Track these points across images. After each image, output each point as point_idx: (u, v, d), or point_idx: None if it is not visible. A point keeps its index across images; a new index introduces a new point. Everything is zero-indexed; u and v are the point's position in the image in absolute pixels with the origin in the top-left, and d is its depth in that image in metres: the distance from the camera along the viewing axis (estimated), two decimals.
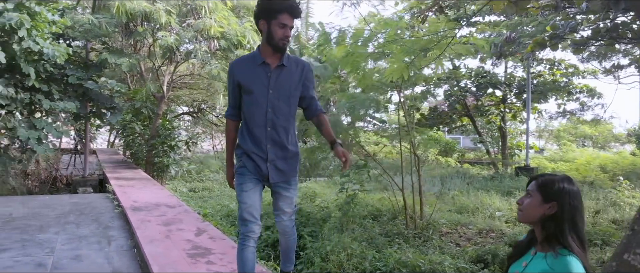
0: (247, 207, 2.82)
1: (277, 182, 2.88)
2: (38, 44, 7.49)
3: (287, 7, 2.70)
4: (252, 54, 2.90)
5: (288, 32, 2.73)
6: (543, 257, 1.75)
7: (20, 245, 4.92)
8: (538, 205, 1.79)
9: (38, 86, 8.23)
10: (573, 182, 1.80)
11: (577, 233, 1.75)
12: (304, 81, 2.90)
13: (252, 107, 2.83)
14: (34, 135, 7.98)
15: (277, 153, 2.86)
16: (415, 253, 5.68)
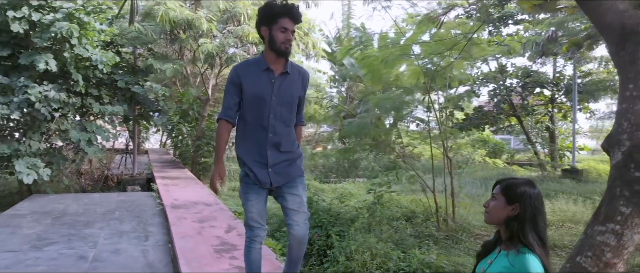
0: (252, 214, 2.87)
1: (281, 185, 2.88)
2: (87, 52, 8.04)
3: (286, 11, 2.75)
4: (257, 59, 2.92)
5: (289, 35, 2.77)
6: (505, 255, 1.87)
7: (67, 239, 5.36)
8: (502, 207, 1.91)
9: (88, 91, 8.83)
10: (534, 185, 1.91)
11: (538, 233, 1.86)
12: (303, 90, 2.97)
13: (255, 113, 2.85)
14: (85, 137, 8.54)
15: (278, 158, 2.88)
16: (440, 254, 5.74)
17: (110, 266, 4.40)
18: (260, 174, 2.83)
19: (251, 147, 2.87)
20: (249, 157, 2.87)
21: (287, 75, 2.86)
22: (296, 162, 2.97)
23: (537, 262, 1.78)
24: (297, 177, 2.96)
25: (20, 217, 6.50)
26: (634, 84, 1.70)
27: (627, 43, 1.72)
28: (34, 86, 7.47)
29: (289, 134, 2.94)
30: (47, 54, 7.62)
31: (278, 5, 2.79)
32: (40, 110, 7.64)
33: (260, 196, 2.89)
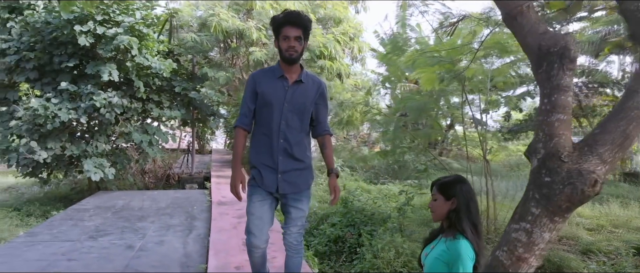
0: (254, 218, 2.89)
1: (287, 193, 2.92)
2: (147, 61, 8.80)
3: (285, 20, 2.84)
4: (273, 68, 3.01)
5: (292, 42, 2.83)
6: (444, 241, 2.19)
7: (120, 231, 6.01)
8: (442, 204, 2.22)
9: (149, 96, 9.62)
10: (465, 180, 2.24)
11: (472, 220, 2.18)
12: (317, 99, 3.00)
13: (267, 118, 2.91)
14: (146, 139, 9.33)
15: (288, 165, 2.91)
16: None
17: (152, 255, 4.95)
18: (267, 178, 2.90)
19: (263, 151, 2.94)
20: (260, 160, 2.94)
21: (301, 83, 2.93)
22: (306, 173, 3.00)
23: (469, 246, 2.09)
24: (304, 189, 2.99)
25: (84, 211, 7.29)
26: (548, 99, 1.92)
27: (544, 62, 1.94)
28: (99, 93, 8.30)
29: (301, 142, 2.97)
30: (110, 64, 8.43)
31: (279, 16, 2.90)
32: (104, 114, 8.46)
33: (264, 203, 2.92)
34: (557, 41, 1.92)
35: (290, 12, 2.90)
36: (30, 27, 8.43)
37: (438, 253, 2.18)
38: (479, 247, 2.12)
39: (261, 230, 2.89)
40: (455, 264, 2.08)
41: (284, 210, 3.01)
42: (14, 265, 4.46)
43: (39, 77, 8.57)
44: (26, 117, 7.99)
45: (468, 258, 2.07)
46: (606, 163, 1.84)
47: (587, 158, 1.84)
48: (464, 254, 2.07)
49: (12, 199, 10.11)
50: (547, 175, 1.89)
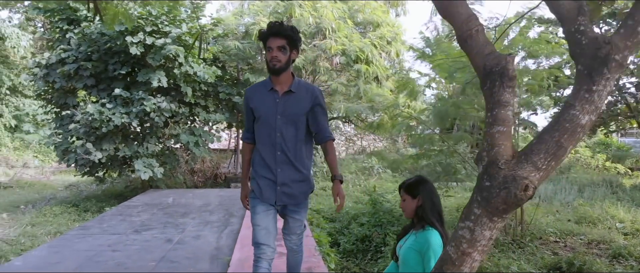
0: (260, 228, 2.94)
1: (286, 204, 2.98)
2: (193, 68, 9.42)
3: (267, 33, 2.87)
4: (264, 82, 3.05)
5: (274, 52, 2.83)
6: (414, 234, 2.48)
7: (163, 226, 6.57)
8: (410, 202, 2.54)
9: (196, 101, 10.26)
10: (427, 180, 2.61)
11: (437, 212, 2.53)
12: (313, 107, 2.96)
13: (263, 132, 2.96)
14: (193, 140, 9.97)
15: (287, 177, 2.93)
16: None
17: (187, 247, 5.43)
18: (266, 191, 2.95)
19: (262, 164, 2.98)
20: (259, 173, 2.99)
21: (292, 93, 2.93)
22: (304, 184, 3.01)
23: (437, 234, 2.45)
24: (302, 201, 3.05)
25: (133, 207, 7.95)
26: (490, 113, 2.17)
27: (487, 80, 2.19)
28: (149, 99, 8.99)
29: (299, 152, 2.98)
30: (159, 72, 9.11)
31: (263, 29, 2.93)
32: (154, 118, 9.14)
33: (268, 214, 2.98)
34: (499, 61, 2.16)
35: (272, 23, 2.91)
36: (87, 37, 9.25)
37: (410, 244, 2.49)
38: (445, 234, 2.44)
39: (268, 240, 2.92)
40: (427, 252, 2.39)
41: (285, 220, 3.09)
42: (64, 254, 5.06)
43: (95, 84, 9.38)
44: (83, 121, 8.78)
45: (436, 245, 2.39)
46: (540, 170, 2.06)
47: (522, 166, 2.06)
48: (433, 241, 2.38)
49: (72, 196, 11.05)
50: (487, 180, 2.13)
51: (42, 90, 10.25)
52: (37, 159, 19.52)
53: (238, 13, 12.70)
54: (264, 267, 2.91)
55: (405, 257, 2.50)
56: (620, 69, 2.12)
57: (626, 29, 2.10)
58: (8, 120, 20.88)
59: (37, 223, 8.22)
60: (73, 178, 14.90)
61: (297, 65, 10.41)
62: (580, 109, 2.05)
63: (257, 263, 2.92)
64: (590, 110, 2.07)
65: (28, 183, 14.46)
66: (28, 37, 19.77)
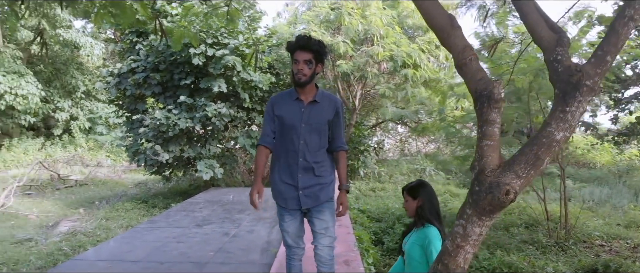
0: (288, 234, 3.16)
1: (310, 207, 3.07)
2: (250, 75, 10.13)
3: (295, 45, 2.99)
4: (289, 91, 3.15)
5: (301, 65, 2.95)
6: (416, 231, 2.91)
7: (221, 221, 7.26)
8: (412, 203, 2.96)
9: (252, 107, 10.98)
10: (426, 183, 3.00)
11: (436, 211, 2.94)
12: (334, 117, 3.12)
13: (287, 139, 3.06)
14: (249, 143, 10.69)
15: (308, 182, 3.05)
16: (520, 257, 6.23)
17: (241, 240, 6.06)
18: (289, 196, 3.08)
19: (284, 170, 3.09)
20: (281, 179, 3.11)
21: (316, 103, 3.07)
22: (327, 188, 3.12)
23: (435, 230, 2.86)
24: (325, 202, 3.11)
25: (195, 204, 8.73)
26: (480, 130, 2.58)
27: (478, 102, 2.62)
28: (210, 104, 9.77)
29: (320, 159, 3.10)
30: (219, 80, 9.88)
31: (291, 42, 3.06)
32: (215, 123, 9.92)
33: (294, 217, 3.13)
34: (487, 86, 2.57)
35: (301, 37, 3.01)
36: (154, 49, 10.16)
37: (413, 240, 2.92)
38: (443, 231, 2.85)
39: (297, 242, 3.18)
40: (428, 246, 2.81)
41: (311, 224, 3.14)
42: (135, 244, 5.82)
43: (162, 91, 10.29)
44: (152, 125, 9.68)
45: (436, 239, 2.81)
46: (521, 178, 2.45)
47: (505, 174, 2.46)
48: (432, 236, 2.81)
49: (141, 193, 12.08)
50: (477, 186, 2.55)
51: (114, 97, 11.31)
52: (109, 159, 21.06)
53: (291, 22, 13.36)
54: (296, 267, 3.21)
55: (410, 251, 2.93)
56: (591, 93, 2.48)
57: (596, 58, 2.46)
58: (83, 123, 22.66)
59: (110, 218, 9.20)
60: (142, 177, 16.15)
61: (345, 71, 10.91)
62: (556, 127, 2.43)
63: (289, 262, 3.23)
64: (564, 127, 2.44)
65: (102, 181, 15.79)
66: (100, 45, 21.40)
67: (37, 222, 9.39)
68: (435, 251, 2.74)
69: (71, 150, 21.43)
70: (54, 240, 7.67)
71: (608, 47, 2.45)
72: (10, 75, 18.42)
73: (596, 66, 2.46)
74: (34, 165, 15.18)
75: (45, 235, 8.18)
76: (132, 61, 10.33)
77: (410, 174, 16.09)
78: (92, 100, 23.78)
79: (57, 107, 21.57)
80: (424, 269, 2.84)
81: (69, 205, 11.16)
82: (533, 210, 9.05)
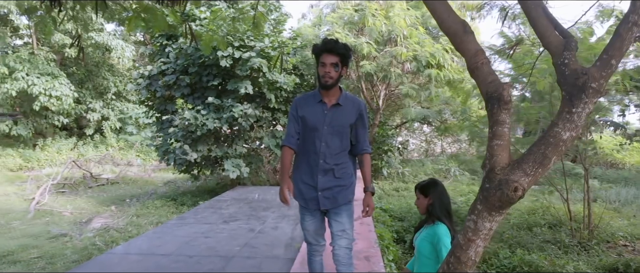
0: (308, 232, 3.26)
1: (328, 208, 3.13)
2: (275, 77, 10.37)
3: (321, 48, 3.03)
4: (314, 93, 3.19)
5: (327, 68, 3.00)
6: (426, 228, 3.05)
7: (247, 218, 7.50)
8: (423, 200, 3.09)
9: (277, 107, 11.22)
10: (438, 182, 3.11)
11: (446, 208, 3.05)
12: (357, 120, 3.16)
13: (309, 141, 3.11)
14: (273, 143, 10.93)
15: (328, 184, 3.09)
16: (540, 256, 6.30)
17: (266, 236, 6.28)
18: (309, 197, 3.15)
19: (304, 171, 3.15)
20: (301, 179, 3.17)
21: (340, 106, 3.11)
22: (346, 190, 3.17)
23: (444, 228, 2.96)
24: (342, 205, 3.16)
25: (222, 201, 9.01)
26: (491, 130, 2.72)
27: (489, 104, 2.76)
28: (237, 105, 10.05)
29: (341, 162, 3.14)
30: (246, 81, 10.14)
31: (317, 45, 3.10)
32: (241, 123, 10.19)
33: (314, 216, 3.21)
34: (497, 88, 2.70)
35: (328, 40, 3.05)
36: (184, 52, 10.49)
37: (423, 236, 3.06)
38: (452, 228, 2.98)
39: (317, 240, 3.28)
40: (438, 243, 2.95)
41: (330, 224, 3.21)
42: (165, 239, 6.09)
43: (191, 93, 10.61)
44: (181, 125, 10.01)
45: (444, 236, 2.93)
46: (528, 176, 2.57)
47: (514, 172, 2.59)
48: (440, 233, 2.93)
49: (170, 191, 12.47)
50: (487, 183, 2.68)
51: (145, 98, 11.70)
52: (139, 158, 21.63)
53: (316, 23, 13.57)
54: (317, 262, 3.32)
55: (420, 247, 3.07)
56: (597, 95, 2.59)
57: (601, 61, 2.57)
58: (114, 123, 23.33)
59: (141, 215, 9.56)
60: (171, 175, 16.59)
61: (369, 71, 11.06)
62: (562, 127, 2.55)
63: (310, 258, 3.34)
64: (570, 128, 2.56)
65: (132, 180, 16.29)
66: (131, 48, 22.02)
67: (71, 219, 9.80)
68: (445, 249, 2.85)
69: (102, 150, 22.09)
70: (87, 236, 8.05)
71: (613, 52, 2.56)
72: (44, 77, 19.13)
73: (601, 69, 2.56)
74: (67, 164, 15.76)
75: (79, 230, 8.57)
76: (162, 63, 10.69)
77: (435, 174, 16.11)
78: (122, 101, 24.47)
79: (89, 108, 22.27)
80: (431, 264, 2.97)
81: (101, 202, 11.60)
82: (557, 211, 9.05)
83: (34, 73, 18.99)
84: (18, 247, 7.09)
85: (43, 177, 15.66)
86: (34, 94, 18.43)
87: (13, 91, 18.30)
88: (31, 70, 18.99)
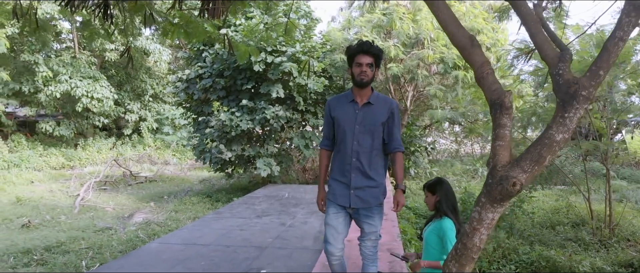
0: (329, 228, 3.25)
1: (358, 208, 3.19)
2: (304, 80, 10.83)
3: (357, 49, 3.14)
4: (346, 93, 3.30)
5: (363, 68, 3.11)
6: (434, 222, 3.41)
7: (278, 213, 7.97)
8: (431, 198, 3.44)
9: (306, 109, 11.68)
10: (444, 180, 3.44)
11: (452, 204, 3.38)
12: (388, 118, 3.22)
13: (342, 139, 3.21)
14: (303, 143, 11.40)
15: (360, 182, 3.17)
16: (558, 252, 6.55)
17: (296, 230, 6.73)
18: (340, 193, 3.22)
19: (339, 169, 3.25)
20: (335, 177, 3.26)
21: (371, 105, 3.20)
22: (376, 190, 3.24)
23: (450, 222, 3.30)
24: (374, 206, 3.24)
25: (255, 198, 9.52)
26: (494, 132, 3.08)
27: (492, 109, 3.13)
28: (269, 107, 10.55)
29: (373, 161, 3.22)
30: (277, 85, 10.64)
31: (352, 46, 3.22)
32: (273, 124, 10.69)
33: (338, 216, 3.25)
34: (499, 96, 3.05)
35: (363, 42, 3.18)
36: (219, 57, 11.06)
37: (431, 229, 3.42)
38: (458, 222, 3.34)
39: (336, 240, 3.23)
40: (443, 237, 3.30)
41: (358, 225, 3.30)
42: (204, 231, 6.61)
43: (226, 96, 11.18)
44: (217, 126, 10.58)
45: (449, 230, 3.28)
46: (526, 173, 2.91)
47: (513, 169, 2.93)
48: (446, 227, 3.29)
49: (205, 189, 13.09)
50: (490, 178, 3.04)
51: (183, 100, 12.33)
52: (175, 157, 22.45)
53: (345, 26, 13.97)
54: (335, 261, 3.30)
55: (427, 238, 3.43)
56: (586, 101, 2.93)
57: (591, 72, 2.91)
58: (151, 124, 24.25)
59: (179, 210, 10.16)
60: (205, 174, 17.26)
61: (396, 73, 11.41)
62: (556, 130, 2.90)
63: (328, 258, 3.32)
64: (563, 130, 2.90)
65: (169, 178, 17.02)
66: (167, 52, 22.87)
67: (113, 214, 10.48)
68: (450, 243, 3.17)
69: (140, 149, 23.01)
70: (130, 229, 8.68)
71: (601, 63, 2.89)
72: (86, 80, 20.11)
73: (591, 79, 2.90)
74: (109, 163, 16.60)
75: (123, 224, 9.21)
76: (199, 68, 11.30)
77: (463, 174, 16.32)
78: (159, 102, 25.40)
79: (127, 109, 23.23)
80: (436, 254, 3.31)
81: (141, 199, 12.29)
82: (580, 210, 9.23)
83: (76, 76, 20.00)
84: (67, 239, 7.72)
85: (85, 175, 16.55)
86: (76, 96, 19.41)
87: (57, 93, 19.31)
88: (74, 73, 20.00)
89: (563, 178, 15.81)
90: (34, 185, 15.24)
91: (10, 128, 20.84)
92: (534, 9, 3.50)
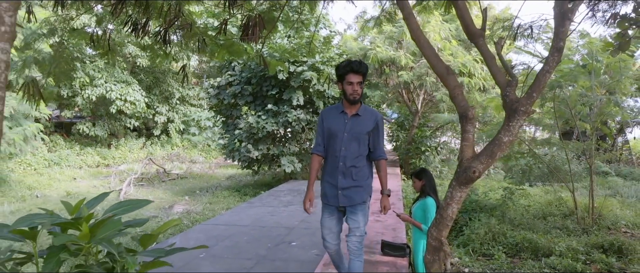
0: (324, 228, 3.65)
1: (345, 205, 3.54)
2: (323, 87, 12.11)
3: (349, 69, 3.38)
4: (337, 105, 3.61)
5: (355, 87, 3.40)
6: (420, 200, 4.63)
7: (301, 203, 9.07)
8: (418, 183, 4.66)
9: None
10: (425, 169, 4.64)
11: (433, 188, 4.60)
12: (373, 129, 3.58)
13: (332, 146, 3.53)
14: None
15: (346, 183, 3.50)
16: (539, 235, 7.68)
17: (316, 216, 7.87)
18: (330, 193, 3.61)
19: (329, 172, 3.58)
20: (326, 179, 3.61)
21: (359, 116, 3.53)
22: (362, 190, 3.57)
23: (432, 201, 4.53)
24: (358, 204, 3.55)
25: (280, 191, 10.83)
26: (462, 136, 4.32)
27: (461, 119, 4.36)
28: (291, 111, 11.86)
29: (358, 166, 3.55)
30: (298, 92, 11.94)
31: (343, 65, 3.44)
32: (294, 126, 12.00)
33: (332, 217, 3.65)
34: (465, 110, 4.30)
35: (353, 61, 3.41)
36: (247, 66, 12.40)
37: (418, 205, 4.63)
38: (437, 200, 4.56)
39: (330, 237, 3.64)
40: (426, 212, 4.53)
41: (347, 220, 3.61)
42: (241, 216, 7.93)
43: (253, 101, 12.52)
44: (245, 128, 11.92)
45: (431, 206, 4.48)
46: (482, 164, 4.05)
47: (474, 162, 4.09)
48: (429, 205, 4.50)
49: (233, 184, 14.46)
50: (458, 168, 4.23)
51: (214, 104, 13.70)
52: (201, 156, 23.90)
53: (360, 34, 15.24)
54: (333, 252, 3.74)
55: (415, 212, 4.64)
56: (525, 115, 4.12)
57: (527, 95, 4.09)
58: (178, 125, 25.75)
59: (213, 202, 11.49)
60: (231, 171, 18.65)
61: (407, 80, 12.65)
62: (504, 134, 4.07)
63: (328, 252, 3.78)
64: (509, 135, 4.08)
65: (198, 175, 18.43)
66: (194, 58, 24.32)
67: (155, 205, 11.83)
68: (431, 215, 4.41)
69: (168, 149, 24.53)
70: (174, 217, 10.03)
71: (534, 88, 4.06)
72: (120, 84, 21.67)
73: (527, 99, 4.08)
74: (144, 161, 18.08)
75: (166, 214, 10.57)
76: (229, 76, 12.66)
77: None
78: (186, 105, 26.90)
79: (156, 111, 24.75)
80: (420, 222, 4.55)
81: (176, 193, 13.68)
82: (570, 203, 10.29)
83: (110, 80, 21.56)
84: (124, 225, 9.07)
85: (122, 172, 18.03)
86: (111, 99, 20.97)
87: (93, 96, 20.89)
88: (108, 78, 21.57)
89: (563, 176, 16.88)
90: (77, 182, 16.79)
91: (49, 129, 22.46)
92: (495, 45, 4.70)
